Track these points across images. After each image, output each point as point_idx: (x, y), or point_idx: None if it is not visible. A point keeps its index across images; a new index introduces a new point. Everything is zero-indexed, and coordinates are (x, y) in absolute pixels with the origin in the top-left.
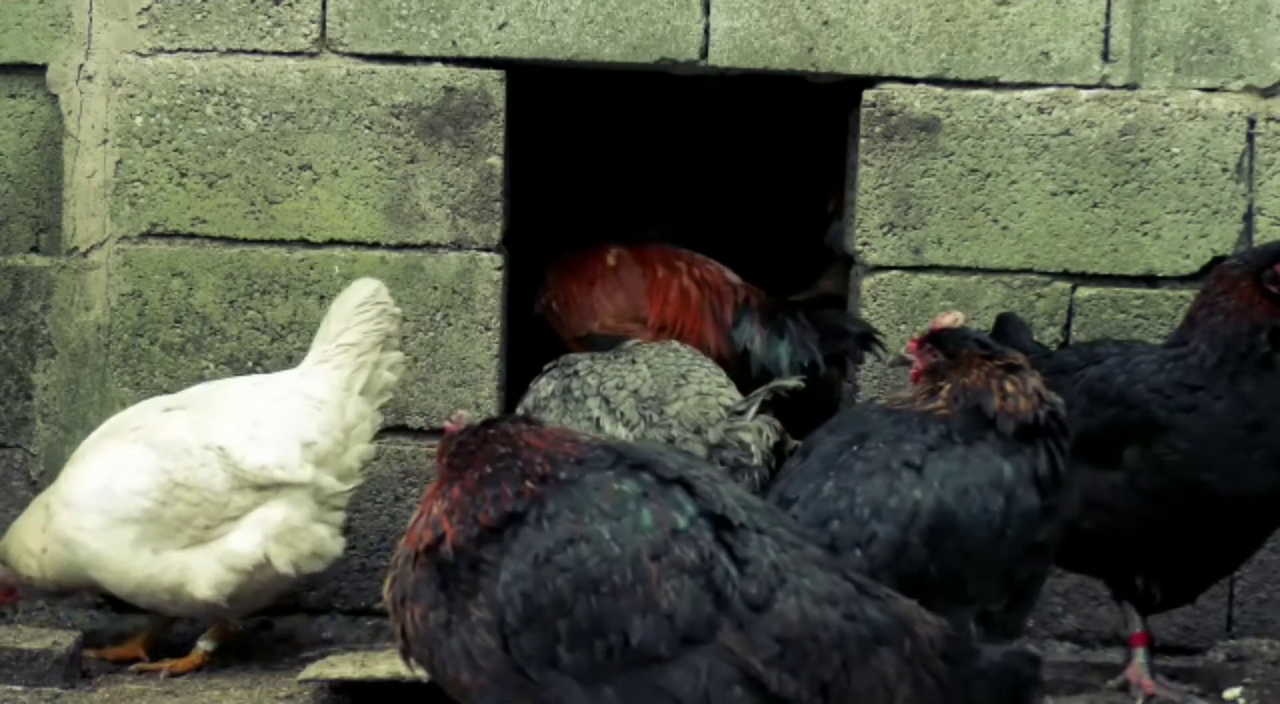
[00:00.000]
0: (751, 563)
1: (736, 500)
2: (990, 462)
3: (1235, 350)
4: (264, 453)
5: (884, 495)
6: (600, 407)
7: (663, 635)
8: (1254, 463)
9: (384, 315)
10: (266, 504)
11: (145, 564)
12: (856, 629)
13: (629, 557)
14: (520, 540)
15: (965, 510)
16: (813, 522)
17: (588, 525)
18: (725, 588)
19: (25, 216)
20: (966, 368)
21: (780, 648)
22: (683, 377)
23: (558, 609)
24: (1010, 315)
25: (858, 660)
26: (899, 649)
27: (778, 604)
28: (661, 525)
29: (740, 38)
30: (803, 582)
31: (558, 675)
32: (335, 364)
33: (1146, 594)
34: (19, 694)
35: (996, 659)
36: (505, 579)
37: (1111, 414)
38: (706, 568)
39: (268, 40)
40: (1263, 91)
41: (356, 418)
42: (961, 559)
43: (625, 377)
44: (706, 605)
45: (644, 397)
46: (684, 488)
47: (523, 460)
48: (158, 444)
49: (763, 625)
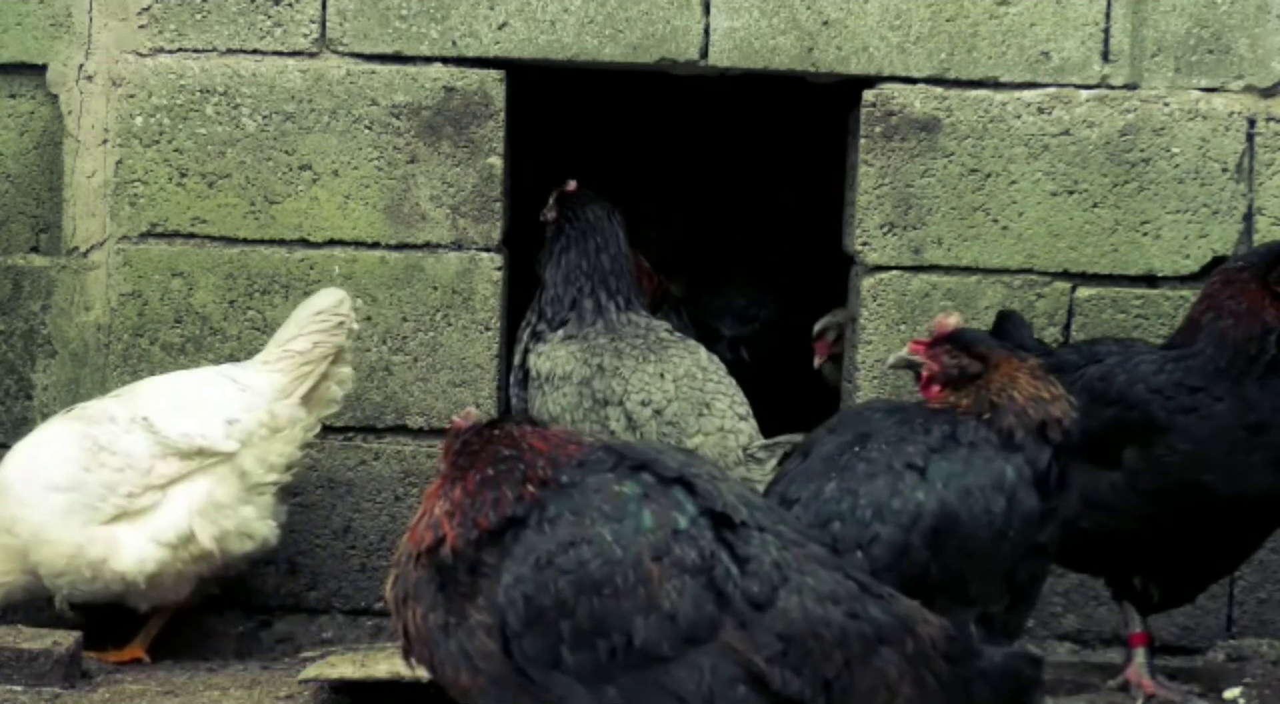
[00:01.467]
0: (753, 561)
1: (738, 498)
2: (992, 463)
3: (1245, 354)
4: (187, 422)
5: (886, 497)
6: (621, 419)
7: (665, 635)
8: (1255, 464)
9: (340, 328)
10: (191, 478)
11: (74, 536)
12: (859, 627)
13: (631, 558)
14: (522, 543)
15: (968, 511)
16: (814, 523)
17: (589, 528)
18: (727, 587)
19: (25, 216)
20: (1006, 372)
21: (783, 646)
22: (706, 406)
23: (560, 611)
24: (1011, 312)
25: (860, 659)
26: (901, 648)
27: (780, 602)
28: (663, 526)
29: (740, 38)
30: (805, 580)
31: (560, 676)
32: (276, 367)
33: (1144, 594)
34: (19, 694)
35: (998, 660)
36: (507, 581)
37: (1111, 414)
38: (708, 567)
39: (268, 40)
40: (1263, 91)
41: (288, 421)
42: (963, 560)
43: (651, 391)
44: (709, 605)
45: (666, 419)
46: (685, 487)
47: (525, 463)
48: (85, 418)
49: (765, 624)
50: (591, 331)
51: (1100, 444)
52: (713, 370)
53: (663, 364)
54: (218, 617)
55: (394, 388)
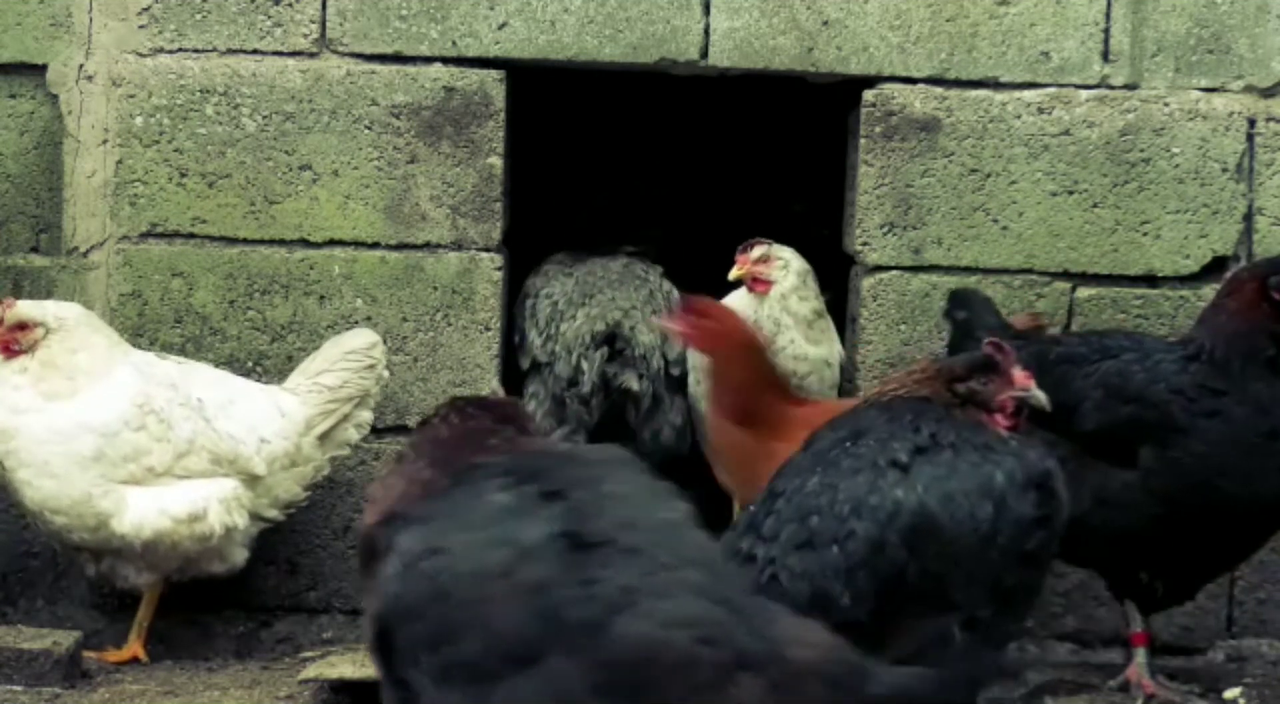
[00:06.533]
0: (598, 584)
1: (621, 518)
2: (980, 468)
3: (1236, 349)
4: (233, 425)
5: (865, 493)
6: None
7: (495, 653)
8: (1270, 469)
9: (370, 372)
10: (209, 478)
11: (89, 483)
12: (712, 654)
13: (476, 572)
14: (403, 537)
15: (950, 515)
16: (794, 517)
17: (448, 536)
18: (563, 611)
19: (25, 216)
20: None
21: (609, 673)
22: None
23: (416, 613)
24: (973, 291)
25: (711, 687)
26: (764, 674)
27: (615, 628)
28: (514, 543)
29: (740, 38)
30: (657, 604)
31: (418, 675)
32: (306, 400)
33: (1149, 589)
34: (19, 694)
35: (891, 681)
36: (386, 573)
37: (1128, 412)
38: (545, 588)
39: (268, 40)
40: (1263, 91)
41: (305, 458)
42: (945, 563)
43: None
44: (539, 627)
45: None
46: (561, 502)
47: (430, 459)
48: (148, 373)
49: (593, 650)
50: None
51: (1114, 442)
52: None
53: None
54: (217, 617)
55: (394, 388)
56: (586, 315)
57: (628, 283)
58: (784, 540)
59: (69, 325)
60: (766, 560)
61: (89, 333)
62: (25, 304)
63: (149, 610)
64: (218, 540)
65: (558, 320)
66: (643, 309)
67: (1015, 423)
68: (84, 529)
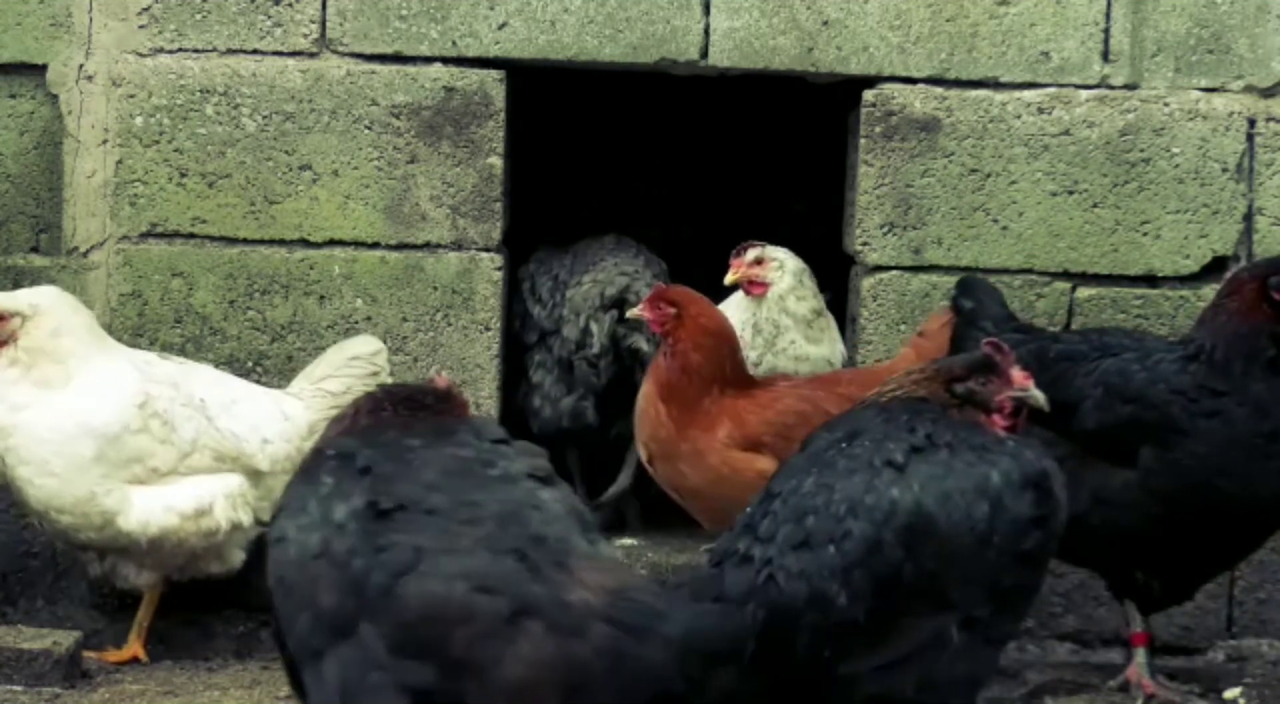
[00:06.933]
0: (391, 549)
1: (430, 480)
2: (976, 468)
3: (1236, 349)
4: (236, 424)
5: (861, 493)
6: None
7: (319, 630)
8: (1270, 470)
9: (373, 379)
10: (215, 474)
11: (93, 483)
12: (491, 603)
13: (301, 555)
14: (272, 528)
15: (946, 515)
16: (790, 517)
17: (284, 521)
18: (364, 578)
19: (25, 216)
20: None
21: (402, 633)
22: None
23: (273, 600)
24: (980, 280)
25: (496, 635)
26: (547, 619)
27: (400, 588)
28: (329, 522)
29: (740, 38)
30: (442, 561)
31: (294, 651)
32: (309, 405)
33: (1146, 589)
34: (19, 694)
35: (696, 622)
36: (270, 556)
37: (1128, 412)
38: (350, 559)
39: (268, 40)
40: (1263, 91)
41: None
42: (941, 563)
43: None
44: (348, 598)
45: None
46: (369, 475)
47: (322, 443)
48: (149, 373)
49: (386, 612)
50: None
51: (1114, 441)
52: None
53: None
54: (217, 617)
55: None
56: (594, 280)
57: (625, 251)
58: (781, 541)
59: (45, 308)
60: (763, 561)
61: (69, 313)
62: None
63: (149, 610)
64: (223, 536)
65: (561, 290)
66: (644, 273)
67: (1014, 423)
68: (90, 528)
